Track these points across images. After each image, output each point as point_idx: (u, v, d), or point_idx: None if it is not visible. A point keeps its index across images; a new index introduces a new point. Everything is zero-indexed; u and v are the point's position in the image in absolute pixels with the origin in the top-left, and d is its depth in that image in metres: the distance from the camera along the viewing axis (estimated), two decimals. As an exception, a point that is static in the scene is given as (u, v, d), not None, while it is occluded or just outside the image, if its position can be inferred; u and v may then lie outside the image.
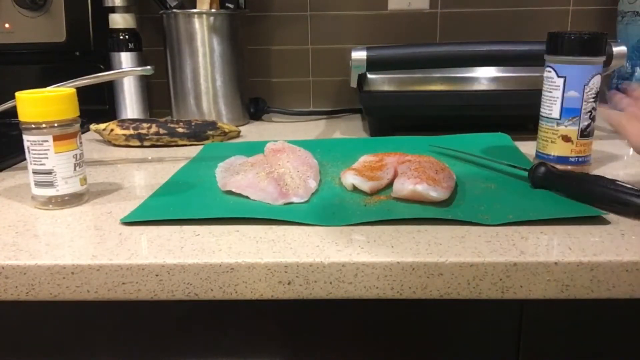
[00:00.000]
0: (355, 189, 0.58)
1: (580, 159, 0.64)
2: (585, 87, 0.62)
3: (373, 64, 0.82)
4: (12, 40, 0.99)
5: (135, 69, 0.93)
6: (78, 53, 1.03)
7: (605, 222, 0.50)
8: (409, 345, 0.50)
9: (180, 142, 0.83)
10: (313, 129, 0.97)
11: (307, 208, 0.54)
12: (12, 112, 0.59)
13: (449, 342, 0.50)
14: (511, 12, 1.06)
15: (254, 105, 1.04)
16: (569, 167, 0.64)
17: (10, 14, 0.98)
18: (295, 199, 0.55)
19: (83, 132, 0.60)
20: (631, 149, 0.77)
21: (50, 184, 0.55)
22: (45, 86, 0.62)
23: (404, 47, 0.85)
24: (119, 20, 0.96)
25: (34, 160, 0.55)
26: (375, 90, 0.85)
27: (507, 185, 0.60)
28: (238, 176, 0.60)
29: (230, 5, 0.95)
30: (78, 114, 0.57)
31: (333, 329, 0.50)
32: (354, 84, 0.87)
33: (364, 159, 0.65)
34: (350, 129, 0.96)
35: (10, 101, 0.63)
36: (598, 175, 0.54)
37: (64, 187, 0.56)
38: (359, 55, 0.82)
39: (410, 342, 0.50)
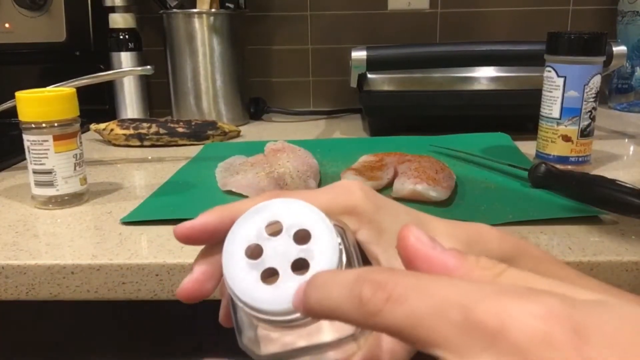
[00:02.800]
0: (355, 188, 0.58)
1: (580, 159, 0.64)
2: (585, 87, 0.62)
3: (373, 64, 0.82)
4: (12, 40, 0.99)
5: (135, 69, 0.94)
6: (78, 53, 1.03)
7: (605, 222, 0.50)
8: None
9: (180, 142, 0.83)
10: (313, 129, 0.97)
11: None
12: (12, 112, 0.59)
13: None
14: (511, 12, 1.06)
15: (254, 105, 1.04)
16: (569, 167, 0.64)
17: (10, 14, 0.98)
18: (295, 199, 0.55)
19: (83, 132, 0.60)
20: (631, 148, 0.77)
21: (50, 184, 0.55)
22: (45, 86, 0.62)
23: (404, 47, 0.85)
24: (119, 20, 0.96)
25: (34, 160, 0.55)
26: (375, 90, 0.85)
27: (507, 185, 0.60)
28: (238, 176, 0.60)
29: (230, 5, 0.95)
30: (78, 113, 0.57)
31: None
32: (354, 84, 0.86)
33: (364, 159, 0.65)
34: (350, 129, 0.96)
35: (10, 101, 0.63)
36: (598, 175, 0.54)
37: (64, 187, 0.56)
38: (359, 55, 0.82)
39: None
